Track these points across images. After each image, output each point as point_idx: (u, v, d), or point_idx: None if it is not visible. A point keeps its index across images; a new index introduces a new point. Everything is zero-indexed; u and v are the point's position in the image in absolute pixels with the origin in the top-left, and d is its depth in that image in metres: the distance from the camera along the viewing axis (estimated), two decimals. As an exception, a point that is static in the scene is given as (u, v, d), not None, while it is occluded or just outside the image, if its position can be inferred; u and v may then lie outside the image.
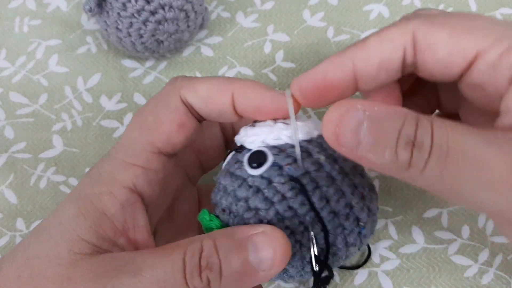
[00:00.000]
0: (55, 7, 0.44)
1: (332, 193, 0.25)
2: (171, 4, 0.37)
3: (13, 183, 0.37)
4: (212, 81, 0.27)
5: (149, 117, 0.27)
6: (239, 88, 0.26)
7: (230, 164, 0.27)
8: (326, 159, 0.25)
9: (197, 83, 0.27)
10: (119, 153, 0.27)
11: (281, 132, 0.26)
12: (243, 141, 0.27)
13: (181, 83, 0.27)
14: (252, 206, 0.25)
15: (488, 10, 0.42)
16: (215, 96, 0.27)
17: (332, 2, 0.43)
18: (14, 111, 0.39)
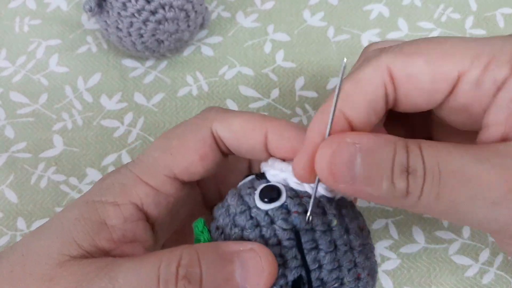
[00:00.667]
0: (55, 6, 0.44)
1: (328, 261, 0.24)
2: (172, 3, 0.37)
3: (14, 182, 0.37)
4: (246, 117, 0.27)
5: (173, 141, 0.27)
6: (274, 127, 0.26)
7: (244, 186, 0.26)
8: (338, 225, 0.24)
9: (230, 117, 0.27)
10: (136, 168, 0.27)
11: None
12: (266, 170, 0.26)
13: (215, 115, 0.27)
14: (246, 237, 0.24)
15: (489, 10, 0.42)
16: (248, 132, 0.26)
17: (332, 2, 0.43)
18: (15, 111, 0.39)
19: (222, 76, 0.40)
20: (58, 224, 0.26)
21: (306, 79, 0.40)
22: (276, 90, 0.40)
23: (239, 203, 0.25)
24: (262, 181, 0.25)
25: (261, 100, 0.39)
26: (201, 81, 0.40)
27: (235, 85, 0.40)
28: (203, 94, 0.40)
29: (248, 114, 0.27)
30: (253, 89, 0.40)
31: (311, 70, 0.40)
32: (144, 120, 0.39)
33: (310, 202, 0.24)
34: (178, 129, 0.27)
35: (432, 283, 0.32)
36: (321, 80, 0.40)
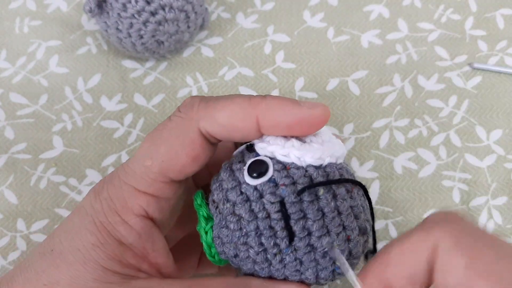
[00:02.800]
0: (55, 7, 0.44)
1: (316, 228, 0.24)
2: (172, 4, 0.37)
3: (13, 183, 0.37)
4: (232, 107, 0.25)
5: (162, 147, 0.26)
6: (265, 111, 0.25)
7: (236, 159, 0.26)
8: (325, 193, 0.25)
9: (216, 110, 0.25)
10: (130, 179, 0.26)
11: (292, 150, 0.25)
12: (255, 143, 0.26)
13: (199, 112, 0.26)
14: (237, 212, 0.25)
15: (489, 10, 0.42)
16: (238, 123, 0.25)
17: (332, 3, 0.43)
18: (15, 112, 0.39)
19: (222, 77, 0.40)
20: (74, 250, 0.25)
21: (306, 80, 0.40)
22: (276, 91, 0.40)
23: (230, 179, 0.26)
24: (251, 154, 0.26)
25: (261, 101, 0.39)
26: (201, 82, 0.40)
27: (235, 86, 0.40)
28: (203, 95, 0.40)
29: (233, 103, 0.25)
30: (253, 90, 0.40)
31: (311, 71, 0.40)
32: (144, 121, 0.39)
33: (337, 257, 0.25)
34: (163, 132, 0.26)
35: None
36: (321, 81, 0.40)
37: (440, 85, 0.39)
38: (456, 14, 0.42)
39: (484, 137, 0.37)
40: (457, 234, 0.22)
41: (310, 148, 0.25)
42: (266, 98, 0.25)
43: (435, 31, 0.41)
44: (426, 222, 0.24)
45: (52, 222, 0.35)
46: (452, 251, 0.22)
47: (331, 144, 0.26)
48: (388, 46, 0.41)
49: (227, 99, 0.26)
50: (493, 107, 0.38)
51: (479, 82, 0.39)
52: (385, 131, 0.38)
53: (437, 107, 0.38)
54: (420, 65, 0.40)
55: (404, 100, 0.39)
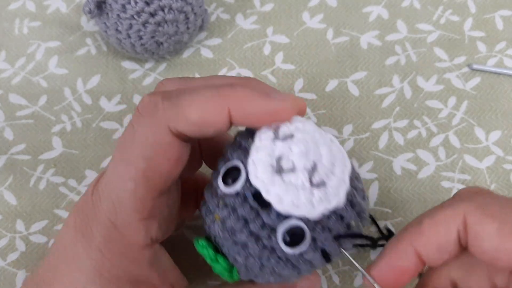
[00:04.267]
0: (54, 8, 0.44)
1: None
2: (171, 5, 0.37)
3: (13, 184, 0.37)
4: (202, 102, 0.24)
5: (141, 163, 0.24)
6: (236, 103, 0.24)
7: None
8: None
9: (185, 107, 0.24)
10: (120, 213, 0.24)
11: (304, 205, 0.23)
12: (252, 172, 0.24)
13: (166, 113, 0.24)
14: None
15: (487, 12, 0.42)
16: (210, 118, 0.24)
17: (331, 4, 0.43)
18: (14, 113, 0.39)
19: (221, 78, 0.40)
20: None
21: (305, 81, 0.40)
22: (275, 92, 0.40)
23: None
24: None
25: (260, 102, 0.39)
26: (200, 83, 0.40)
27: (234, 87, 0.40)
28: (202, 96, 0.40)
29: (202, 96, 0.24)
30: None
31: (310, 72, 0.40)
32: (143, 122, 0.39)
33: None
34: (134, 146, 0.24)
35: (431, 285, 0.32)
36: (320, 82, 0.40)
37: (439, 86, 0.39)
38: (455, 15, 0.42)
39: (483, 138, 0.37)
40: (484, 204, 0.24)
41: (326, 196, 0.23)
42: (236, 89, 0.24)
43: (434, 32, 0.41)
44: (455, 198, 0.25)
45: (51, 223, 0.35)
46: (483, 220, 0.23)
47: (343, 178, 0.24)
48: (387, 47, 0.41)
49: (193, 93, 0.24)
50: (492, 108, 0.38)
51: (478, 83, 0.39)
52: (384, 132, 0.38)
53: (436, 108, 0.38)
54: (419, 66, 0.40)
55: (403, 101, 0.39)
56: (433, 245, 0.24)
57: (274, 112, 0.24)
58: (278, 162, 0.23)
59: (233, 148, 0.25)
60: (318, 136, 0.24)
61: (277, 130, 0.24)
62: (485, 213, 0.23)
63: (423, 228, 0.24)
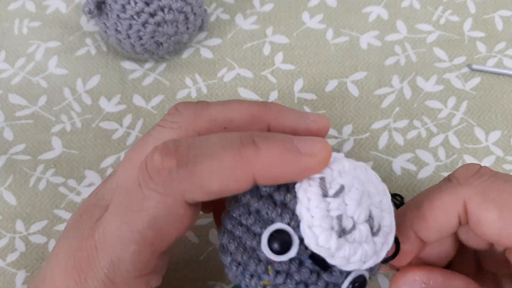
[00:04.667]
0: (54, 9, 0.44)
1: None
2: (171, 6, 0.37)
3: (12, 184, 0.37)
4: (222, 169, 0.21)
5: (148, 232, 0.22)
6: (261, 168, 0.21)
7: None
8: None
9: (202, 178, 0.21)
10: (121, 271, 0.23)
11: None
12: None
13: (182, 184, 0.21)
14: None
15: (487, 12, 0.42)
16: (231, 187, 0.21)
17: (331, 4, 0.43)
18: (14, 113, 0.39)
19: (221, 78, 0.40)
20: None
21: (305, 81, 0.40)
22: (275, 92, 0.40)
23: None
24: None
25: (260, 102, 0.39)
26: (200, 83, 0.40)
27: (234, 87, 0.40)
28: (202, 96, 0.40)
29: (223, 164, 0.21)
30: (252, 91, 0.40)
31: (310, 72, 0.40)
32: (143, 122, 0.39)
33: None
34: (143, 215, 0.22)
35: (431, 285, 0.32)
36: (320, 82, 0.40)
37: (439, 87, 0.39)
38: (455, 16, 0.42)
39: (483, 138, 0.37)
40: (483, 189, 0.24)
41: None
42: (261, 150, 0.21)
43: (434, 32, 0.41)
44: (452, 180, 0.25)
45: (51, 223, 0.35)
46: (483, 206, 0.23)
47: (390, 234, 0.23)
48: (387, 47, 0.41)
49: (212, 158, 0.21)
50: (492, 108, 0.38)
51: (478, 84, 0.39)
52: (384, 132, 0.38)
53: (436, 108, 0.38)
54: (419, 66, 0.40)
55: (403, 101, 0.39)
56: (434, 228, 0.25)
57: (305, 170, 0.21)
58: (339, 224, 0.21)
59: (266, 203, 0.22)
60: (359, 173, 0.22)
61: (323, 184, 0.21)
62: (485, 199, 0.23)
63: (423, 213, 0.25)
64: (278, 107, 0.26)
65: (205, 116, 0.25)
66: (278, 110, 0.25)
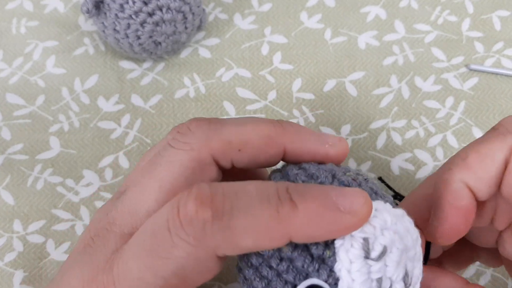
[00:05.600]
0: (52, 8, 0.44)
1: None
2: (169, 5, 0.37)
3: (10, 184, 0.37)
4: (258, 229, 0.20)
5: (172, 280, 0.21)
6: (298, 232, 0.20)
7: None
8: None
9: (237, 234, 0.20)
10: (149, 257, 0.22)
11: None
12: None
13: (214, 238, 0.20)
14: None
15: (485, 12, 0.42)
16: (266, 245, 0.21)
17: (329, 4, 0.43)
18: (11, 113, 0.39)
19: (219, 78, 0.40)
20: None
21: (303, 81, 0.40)
22: (273, 92, 0.40)
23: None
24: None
25: (258, 102, 0.39)
26: (198, 83, 0.40)
27: (232, 87, 0.40)
28: (201, 96, 0.40)
29: (259, 222, 0.20)
30: (250, 91, 0.40)
31: (308, 72, 0.40)
32: (141, 122, 0.39)
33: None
34: (169, 264, 0.21)
35: (429, 285, 0.32)
36: (318, 82, 0.40)
37: (437, 86, 0.39)
38: (453, 16, 0.42)
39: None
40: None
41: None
42: (298, 208, 0.20)
43: (432, 32, 0.41)
44: (501, 125, 0.25)
45: (49, 223, 0.35)
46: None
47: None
48: (385, 47, 0.41)
49: (247, 213, 0.20)
50: (490, 108, 0.38)
51: (476, 84, 0.39)
52: (382, 132, 0.38)
53: (434, 108, 0.39)
54: (417, 66, 0.40)
55: (401, 101, 0.39)
56: (485, 179, 0.23)
57: (344, 229, 0.20)
58: (378, 286, 0.21)
59: (302, 255, 0.21)
60: (399, 227, 0.22)
61: (366, 245, 0.21)
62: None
63: (469, 163, 0.23)
64: (295, 128, 0.25)
65: (218, 137, 0.24)
66: (296, 132, 0.25)
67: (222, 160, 0.25)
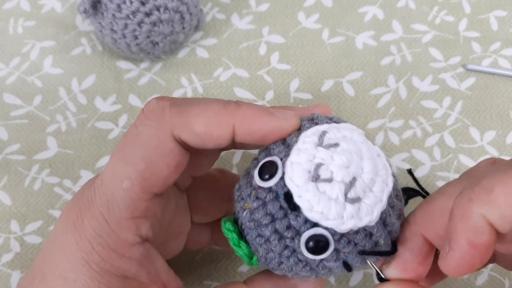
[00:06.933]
0: (49, 8, 0.43)
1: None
2: (166, 5, 0.37)
3: (7, 184, 0.37)
4: (208, 114, 0.25)
5: (140, 164, 0.24)
6: (241, 120, 0.25)
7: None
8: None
9: (191, 117, 0.24)
10: (112, 208, 0.25)
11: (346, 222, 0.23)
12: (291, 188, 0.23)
13: (172, 119, 0.24)
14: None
15: (482, 12, 0.42)
16: (214, 132, 0.24)
17: (327, 4, 0.43)
18: (8, 113, 0.39)
19: (217, 78, 0.40)
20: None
21: (300, 81, 0.40)
22: (271, 92, 0.40)
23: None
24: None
25: (256, 102, 0.39)
26: (196, 83, 0.40)
27: (230, 87, 0.40)
28: (198, 96, 0.40)
29: (209, 109, 0.25)
30: (248, 91, 0.40)
31: (305, 72, 0.40)
32: (139, 122, 0.39)
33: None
34: (136, 146, 0.25)
35: (426, 284, 0.32)
36: (315, 82, 0.40)
37: (434, 86, 0.39)
38: (450, 16, 0.42)
39: (477, 138, 0.37)
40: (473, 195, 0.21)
41: (366, 211, 0.23)
42: (242, 106, 0.25)
43: (429, 32, 0.42)
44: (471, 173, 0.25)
45: (46, 223, 0.35)
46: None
47: (383, 184, 0.24)
48: (382, 47, 0.41)
49: (201, 104, 0.25)
50: (487, 108, 0.38)
51: (473, 84, 0.39)
52: (379, 132, 0.38)
53: (431, 108, 0.39)
54: (414, 66, 0.40)
55: (398, 101, 0.39)
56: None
57: (277, 129, 0.25)
58: (316, 170, 0.23)
59: (278, 143, 0.25)
60: (364, 149, 0.24)
61: (323, 136, 0.24)
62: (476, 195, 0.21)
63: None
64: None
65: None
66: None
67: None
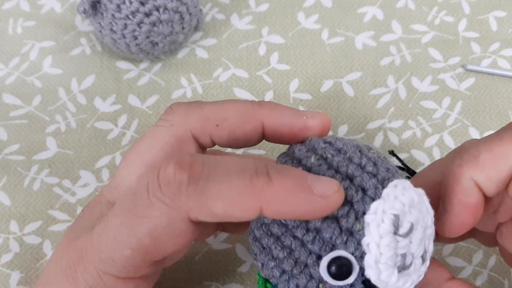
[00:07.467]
0: (49, 8, 0.43)
1: None
2: (166, 6, 0.37)
3: (6, 185, 0.36)
4: (231, 195, 0.21)
5: (145, 239, 0.22)
6: (270, 203, 0.21)
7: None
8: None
9: (211, 198, 0.21)
10: (109, 269, 0.23)
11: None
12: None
13: (188, 200, 0.21)
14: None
15: (481, 13, 0.42)
16: (236, 214, 0.21)
17: (326, 5, 0.43)
18: (8, 113, 0.39)
19: (216, 78, 0.40)
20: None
21: (300, 82, 0.40)
22: (270, 92, 0.40)
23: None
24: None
25: (256, 102, 0.39)
26: (196, 83, 0.40)
27: (229, 87, 0.40)
28: (198, 96, 0.40)
29: (232, 188, 0.21)
30: (247, 91, 0.40)
31: (305, 72, 0.40)
32: (138, 122, 0.39)
33: None
34: (144, 222, 0.22)
35: (426, 285, 0.32)
36: (315, 82, 0.40)
37: (434, 87, 0.39)
38: (450, 16, 0.42)
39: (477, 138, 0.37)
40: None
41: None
42: (272, 182, 0.21)
43: (429, 33, 0.42)
44: (509, 128, 0.25)
45: (46, 224, 0.35)
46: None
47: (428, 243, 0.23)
48: (382, 47, 0.41)
49: (222, 180, 0.21)
50: (486, 108, 0.39)
51: (473, 84, 0.39)
52: (379, 132, 0.38)
53: (430, 108, 0.39)
54: (414, 66, 0.40)
55: (398, 102, 0.39)
56: (494, 179, 0.23)
57: (314, 212, 0.21)
58: (402, 262, 0.22)
59: (331, 226, 0.22)
60: (422, 206, 0.23)
61: (397, 222, 0.21)
62: None
63: (481, 162, 0.23)
64: (273, 104, 0.26)
65: (197, 114, 0.26)
66: (273, 107, 0.25)
67: (201, 136, 0.26)
